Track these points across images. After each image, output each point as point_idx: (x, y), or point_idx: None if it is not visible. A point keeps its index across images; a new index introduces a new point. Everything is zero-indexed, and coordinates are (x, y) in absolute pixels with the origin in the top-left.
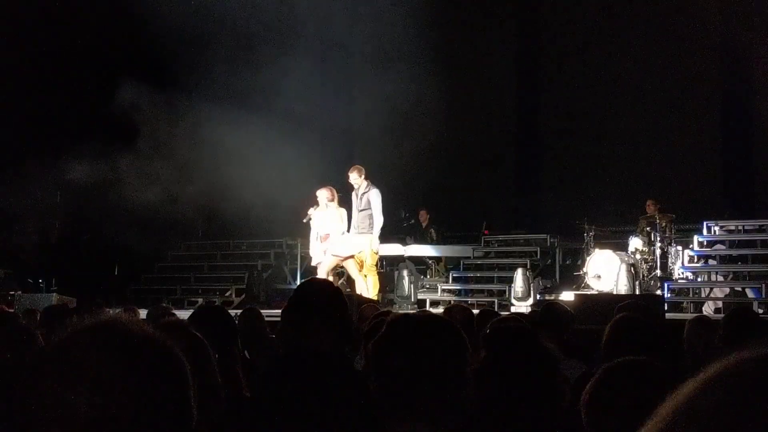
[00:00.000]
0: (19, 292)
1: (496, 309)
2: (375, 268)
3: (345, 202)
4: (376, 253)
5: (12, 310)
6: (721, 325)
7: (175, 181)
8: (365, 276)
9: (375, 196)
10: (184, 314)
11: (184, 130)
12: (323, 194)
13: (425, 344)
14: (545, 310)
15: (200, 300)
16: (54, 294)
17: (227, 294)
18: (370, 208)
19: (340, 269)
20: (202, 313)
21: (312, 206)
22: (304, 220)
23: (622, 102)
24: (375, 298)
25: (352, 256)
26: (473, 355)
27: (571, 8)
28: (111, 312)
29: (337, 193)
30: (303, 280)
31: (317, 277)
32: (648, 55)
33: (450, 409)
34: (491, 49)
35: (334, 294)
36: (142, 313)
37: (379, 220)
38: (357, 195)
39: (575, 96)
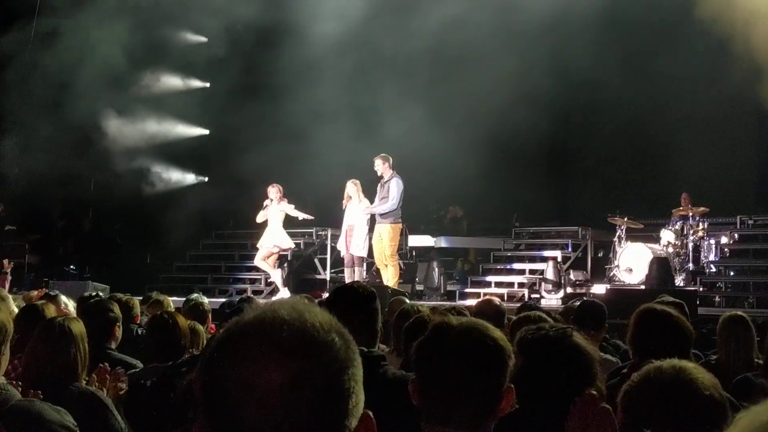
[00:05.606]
0: (54, 280)
1: (526, 301)
2: (393, 258)
3: (371, 193)
4: (394, 245)
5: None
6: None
7: (205, 171)
8: (386, 266)
9: (395, 185)
10: (214, 303)
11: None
12: (352, 188)
13: (467, 353)
14: (582, 309)
15: (230, 289)
16: (89, 281)
17: (257, 283)
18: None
19: (369, 260)
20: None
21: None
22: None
23: (656, 95)
24: (395, 287)
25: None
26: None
27: None
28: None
29: (362, 185)
30: (340, 285)
31: (355, 281)
32: (682, 47)
33: (485, 416)
34: (524, 41)
35: (367, 299)
36: (173, 302)
37: (388, 205)
38: (381, 184)
39: (609, 89)
